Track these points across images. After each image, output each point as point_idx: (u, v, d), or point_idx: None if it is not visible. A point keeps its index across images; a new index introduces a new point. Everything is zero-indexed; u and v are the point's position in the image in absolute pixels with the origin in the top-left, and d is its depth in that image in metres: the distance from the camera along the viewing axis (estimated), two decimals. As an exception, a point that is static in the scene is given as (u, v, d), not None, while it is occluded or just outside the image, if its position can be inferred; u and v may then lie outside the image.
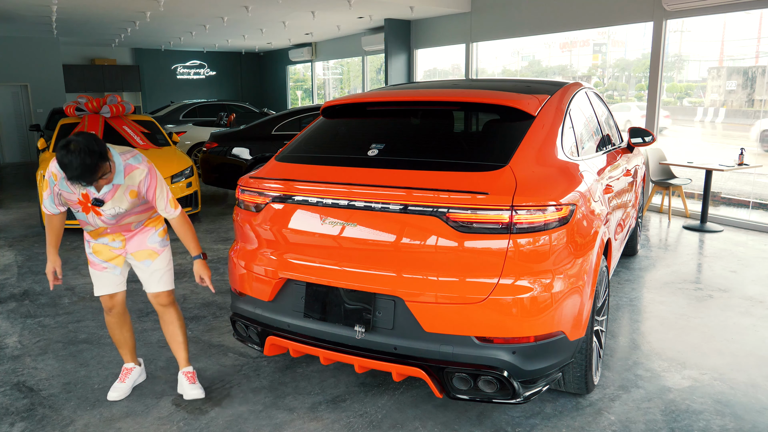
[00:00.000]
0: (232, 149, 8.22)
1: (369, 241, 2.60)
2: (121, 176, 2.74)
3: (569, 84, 3.52)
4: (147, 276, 3.05)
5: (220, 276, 5.23)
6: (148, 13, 10.38)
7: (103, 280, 3.06)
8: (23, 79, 14.03)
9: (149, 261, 3.03)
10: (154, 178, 2.82)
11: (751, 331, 3.97)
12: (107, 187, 2.74)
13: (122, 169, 2.74)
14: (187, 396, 3.09)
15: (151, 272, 3.04)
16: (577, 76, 10.58)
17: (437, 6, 10.32)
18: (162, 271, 3.05)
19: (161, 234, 3.09)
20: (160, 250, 3.06)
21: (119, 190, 2.77)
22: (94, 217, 2.86)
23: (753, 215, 7.53)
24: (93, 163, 2.51)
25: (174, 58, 18.41)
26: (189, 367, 3.18)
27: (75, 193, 2.79)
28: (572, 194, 2.61)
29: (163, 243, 3.08)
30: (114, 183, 2.74)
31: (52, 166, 2.77)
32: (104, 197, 2.76)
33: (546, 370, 2.54)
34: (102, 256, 3.01)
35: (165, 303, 3.10)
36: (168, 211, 2.90)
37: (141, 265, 3.03)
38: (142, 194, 2.82)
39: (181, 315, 3.18)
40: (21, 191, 10.08)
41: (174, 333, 3.14)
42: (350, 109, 3.41)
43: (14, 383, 3.31)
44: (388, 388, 3.18)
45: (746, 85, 8.76)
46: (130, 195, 2.80)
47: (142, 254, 3.03)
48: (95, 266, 3.04)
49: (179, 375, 3.17)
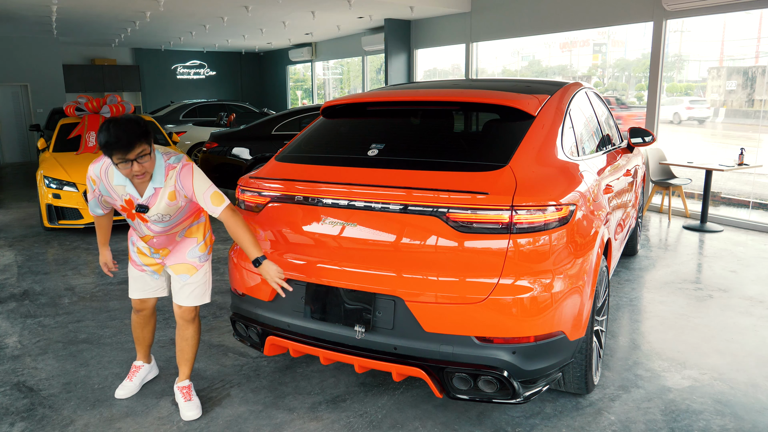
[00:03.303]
0: (232, 149, 8.22)
1: (369, 241, 2.60)
2: (162, 178, 2.61)
3: (569, 84, 3.52)
4: (179, 288, 2.92)
5: (220, 276, 5.23)
6: (148, 13, 10.38)
7: (139, 283, 3.01)
8: (23, 79, 14.03)
9: (187, 276, 2.89)
10: (188, 174, 2.63)
11: (751, 331, 3.97)
12: (149, 191, 2.62)
13: (163, 169, 2.62)
14: (183, 416, 2.90)
15: (185, 285, 2.91)
16: (577, 76, 10.58)
17: (437, 6, 10.32)
18: (196, 285, 2.91)
19: (202, 248, 2.93)
20: (200, 265, 2.92)
21: (161, 194, 2.63)
22: (140, 224, 2.76)
23: (753, 215, 7.53)
24: (134, 133, 2.41)
25: (174, 58, 18.41)
26: (186, 381, 3.02)
27: (117, 200, 2.68)
28: (572, 194, 2.61)
29: (204, 257, 2.93)
30: (155, 186, 2.62)
31: (90, 170, 2.68)
32: (147, 202, 2.64)
33: (546, 370, 2.54)
34: (143, 259, 2.94)
35: (188, 318, 2.96)
36: (211, 209, 2.66)
37: (178, 278, 2.91)
38: (180, 193, 2.65)
39: (198, 332, 3.03)
40: (21, 191, 10.08)
41: (184, 349, 3.01)
42: (350, 109, 3.41)
43: (14, 383, 3.31)
44: (388, 388, 3.18)
45: (746, 85, 8.76)
46: (169, 198, 2.65)
47: (181, 268, 2.90)
48: (135, 266, 2.98)
49: (175, 388, 3.04)
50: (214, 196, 2.65)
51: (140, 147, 2.45)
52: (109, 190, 2.68)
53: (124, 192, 2.64)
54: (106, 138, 2.41)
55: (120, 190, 2.65)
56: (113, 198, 2.70)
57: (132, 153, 2.44)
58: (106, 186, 2.67)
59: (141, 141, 2.45)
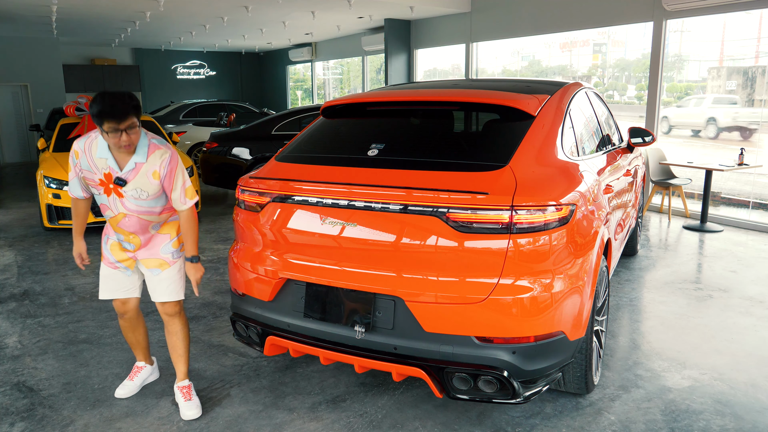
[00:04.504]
0: (232, 149, 8.22)
1: (369, 241, 2.60)
2: (144, 154, 2.71)
3: (569, 84, 3.52)
4: (155, 284, 2.95)
5: (220, 276, 5.23)
6: (148, 13, 10.38)
7: (111, 282, 2.98)
8: (23, 79, 14.03)
9: (158, 270, 2.93)
10: (175, 162, 2.76)
11: (751, 331, 3.97)
12: (130, 164, 2.69)
13: (146, 145, 2.72)
14: (183, 415, 2.91)
15: (159, 281, 2.94)
16: (577, 76, 10.58)
17: (437, 6, 10.32)
18: (170, 280, 2.95)
19: (175, 244, 2.96)
20: (173, 261, 2.96)
21: (142, 170, 2.71)
22: (116, 200, 2.77)
23: (753, 215, 7.52)
24: (127, 103, 2.56)
25: (174, 58, 18.41)
26: (185, 380, 3.04)
27: (97, 173, 2.72)
28: (572, 194, 2.61)
29: (177, 254, 2.97)
30: (136, 161, 2.70)
31: (74, 145, 2.76)
32: (127, 177, 2.70)
33: (546, 370, 2.54)
34: (116, 254, 2.94)
35: (171, 313, 2.99)
36: (182, 201, 2.81)
37: (149, 273, 2.94)
38: (162, 176, 2.74)
39: (186, 326, 3.06)
40: (21, 191, 10.08)
41: (175, 344, 3.03)
42: (350, 109, 3.41)
43: (14, 383, 3.31)
44: (388, 388, 3.18)
45: (746, 85, 8.76)
46: (153, 176, 2.73)
47: (152, 262, 2.93)
48: (108, 263, 2.96)
49: (174, 388, 3.05)
50: (189, 189, 2.83)
51: (131, 119, 2.59)
52: (90, 164, 2.74)
53: (105, 165, 2.71)
54: (101, 107, 2.52)
55: (101, 163, 2.71)
56: (92, 172, 2.75)
57: (123, 123, 2.56)
58: (87, 160, 2.73)
59: (132, 113, 2.59)
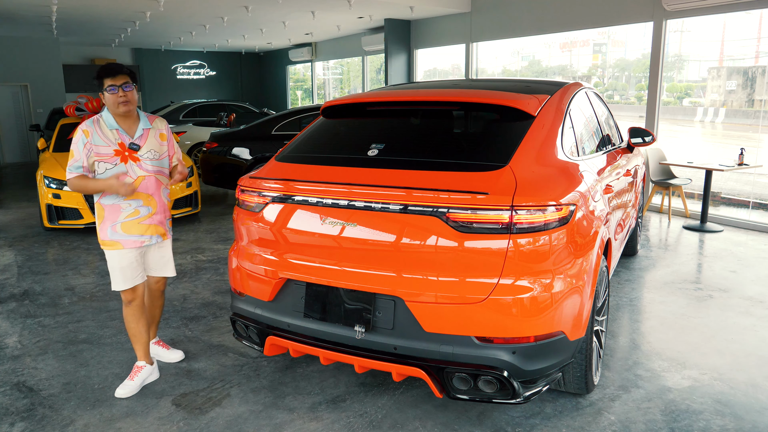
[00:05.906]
0: (232, 149, 8.23)
1: (369, 241, 2.60)
2: (146, 120, 3.18)
3: (569, 84, 3.52)
4: (158, 258, 3.30)
5: (220, 276, 5.23)
6: (148, 13, 10.38)
7: (128, 271, 3.13)
8: (23, 79, 14.04)
9: (160, 237, 3.25)
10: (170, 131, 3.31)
11: (751, 331, 3.97)
12: (138, 131, 3.12)
13: (145, 116, 3.20)
14: (168, 359, 3.49)
15: (162, 254, 3.32)
16: (577, 76, 10.58)
17: (437, 6, 10.32)
18: (169, 256, 3.38)
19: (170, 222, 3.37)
20: (169, 235, 3.34)
21: (150, 134, 3.17)
22: (132, 165, 3.10)
23: (753, 215, 7.53)
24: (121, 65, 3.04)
25: (174, 58, 18.41)
26: (156, 337, 3.60)
27: (111, 144, 3.04)
28: (572, 194, 2.61)
29: (170, 231, 3.36)
30: (143, 127, 3.14)
31: (81, 126, 3.03)
32: (139, 142, 3.11)
33: (546, 370, 2.54)
34: (136, 230, 3.14)
35: (163, 288, 3.48)
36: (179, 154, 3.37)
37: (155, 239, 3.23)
38: (168, 138, 3.25)
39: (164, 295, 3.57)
40: (21, 191, 10.08)
41: (155, 314, 3.52)
42: (350, 109, 3.41)
43: (14, 383, 3.31)
44: (388, 388, 3.18)
45: (746, 85, 8.77)
46: (160, 138, 3.21)
47: (159, 229, 3.25)
48: (131, 245, 3.12)
49: (152, 346, 3.50)
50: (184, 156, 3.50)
51: (125, 77, 3.03)
52: (102, 138, 3.03)
53: (117, 136, 3.06)
54: (100, 69, 3.00)
55: (112, 135, 3.05)
56: (106, 145, 3.04)
57: (118, 79, 3.00)
58: (98, 134, 3.03)
59: (126, 72, 3.04)
